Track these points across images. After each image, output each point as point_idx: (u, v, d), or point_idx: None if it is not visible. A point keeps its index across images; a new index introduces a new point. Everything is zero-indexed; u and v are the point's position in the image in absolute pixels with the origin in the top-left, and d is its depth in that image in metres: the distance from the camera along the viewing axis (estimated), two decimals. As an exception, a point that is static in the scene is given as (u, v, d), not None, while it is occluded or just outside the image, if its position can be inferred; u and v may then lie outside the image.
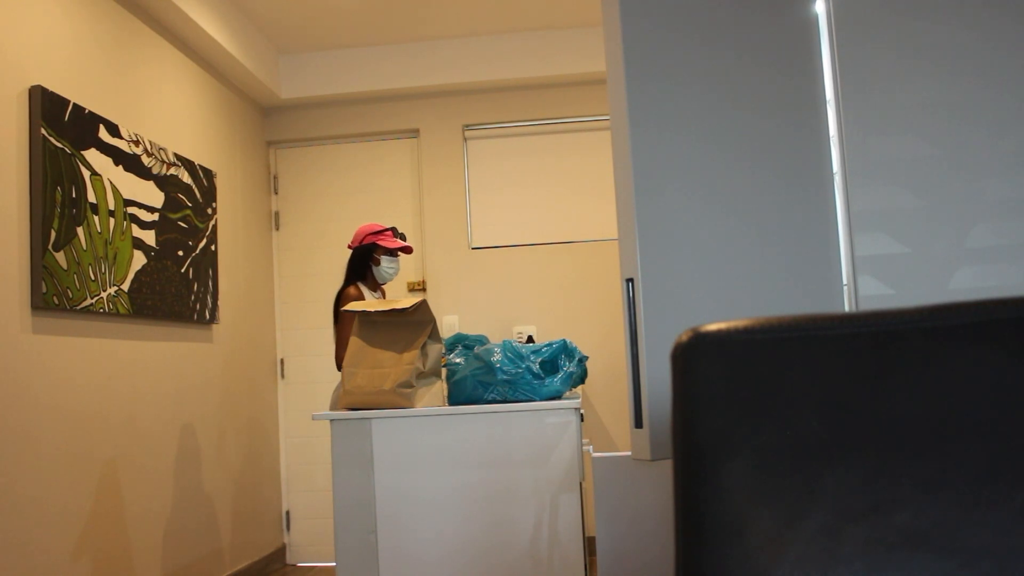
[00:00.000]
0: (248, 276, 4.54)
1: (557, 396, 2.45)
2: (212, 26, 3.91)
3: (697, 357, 0.62)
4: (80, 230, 2.97)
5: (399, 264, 3.63)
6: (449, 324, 4.70)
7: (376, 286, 3.64)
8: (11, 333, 2.66)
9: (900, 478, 0.60)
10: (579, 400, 2.48)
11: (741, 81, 1.62)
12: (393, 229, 3.61)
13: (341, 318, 3.46)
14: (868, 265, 1.58)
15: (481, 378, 2.43)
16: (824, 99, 1.64)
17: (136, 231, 3.34)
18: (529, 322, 4.72)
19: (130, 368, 3.32)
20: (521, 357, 2.45)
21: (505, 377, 2.41)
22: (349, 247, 3.61)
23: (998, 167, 1.58)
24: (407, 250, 3.61)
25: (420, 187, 4.87)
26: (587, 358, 2.63)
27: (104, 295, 3.09)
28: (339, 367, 3.46)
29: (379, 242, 3.56)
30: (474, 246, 4.82)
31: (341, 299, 3.51)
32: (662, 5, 1.60)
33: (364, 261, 3.58)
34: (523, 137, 4.87)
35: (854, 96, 1.60)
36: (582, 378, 2.93)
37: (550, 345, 2.54)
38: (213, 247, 4.02)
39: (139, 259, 3.35)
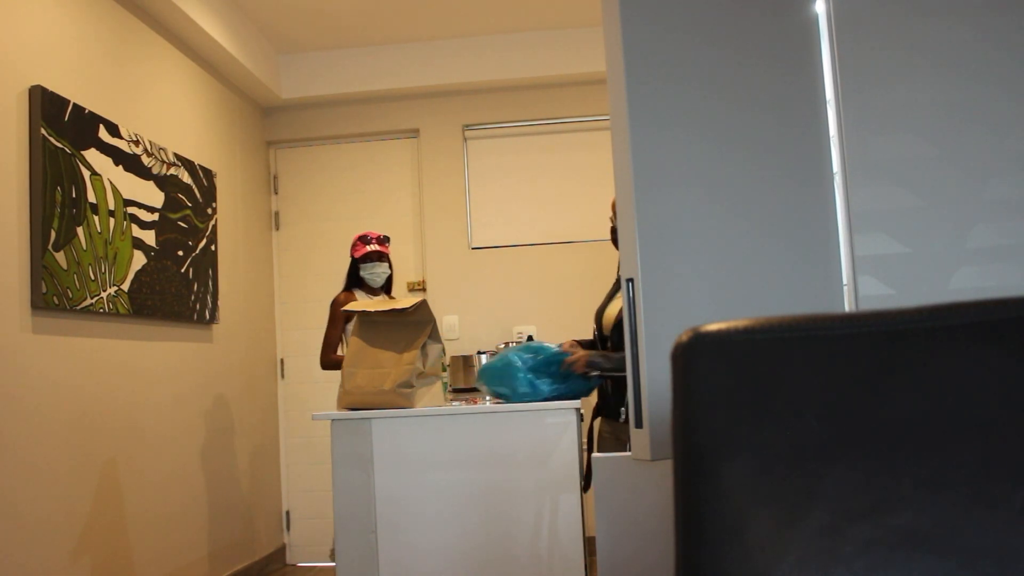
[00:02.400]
0: (248, 276, 4.54)
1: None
2: (212, 26, 3.91)
3: (697, 357, 0.62)
4: (80, 230, 2.97)
5: (385, 266, 3.78)
6: (449, 324, 4.70)
7: (372, 291, 3.80)
8: (11, 333, 2.66)
9: (900, 478, 0.60)
10: (579, 400, 2.48)
11: (741, 81, 1.62)
12: (363, 236, 3.78)
13: (329, 319, 3.71)
14: (868, 265, 1.58)
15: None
16: (824, 99, 1.64)
17: (136, 231, 3.34)
18: (529, 322, 4.72)
19: (130, 368, 3.32)
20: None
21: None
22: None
23: (998, 167, 1.58)
24: (378, 254, 3.76)
25: (420, 187, 4.87)
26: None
27: (104, 295, 3.09)
28: (322, 366, 3.73)
29: (353, 254, 3.78)
30: (474, 246, 4.82)
31: (332, 304, 3.74)
32: (662, 5, 1.60)
33: (353, 270, 3.80)
34: (523, 137, 4.87)
35: (854, 96, 1.60)
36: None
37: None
38: (213, 247, 4.02)
39: (139, 259, 3.35)
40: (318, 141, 4.97)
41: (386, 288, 3.89)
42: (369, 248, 3.74)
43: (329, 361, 3.72)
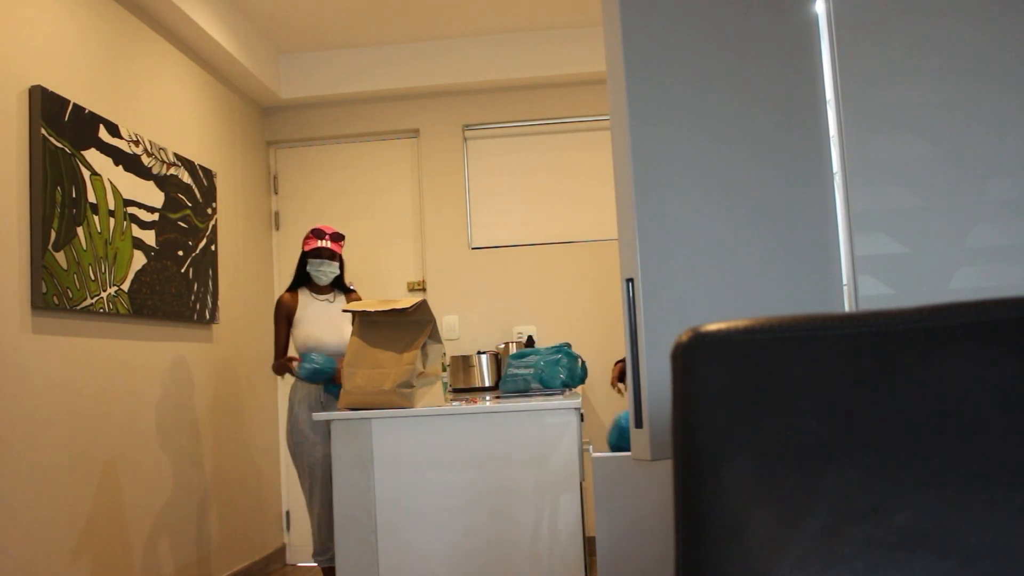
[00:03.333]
0: (248, 276, 4.54)
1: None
2: (212, 26, 3.91)
3: (697, 357, 0.62)
4: (80, 230, 2.97)
5: (336, 265, 3.58)
6: (449, 324, 4.70)
7: (320, 290, 3.62)
8: (11, 333, 2.66)
9: (900, 478, 0.60)
10: (579, 400, 2.48)
11: (741, 81, 1.62)
12: (317, 230, 3.57)
13: (274, 323, 3.58)
14: (868, 265, 1.58)
15: None
16: (824, 98, 1.64)
17: (136, 231, 3.34)
18: (529, 322, 4.72)
19: (130, 368, 3.32)
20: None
21: None
22: None
23: (999, 167, 1.58)
24: (329, 251, 3.55)
25: (420, 187, 4.87)
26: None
27: (104, 295, 3.09)
28: (275, 371, 3.61)
29: (304, 247, 3.58)
30: (474, 246, 4.82)
31: (275, 306, 3.61)
32: (662, 5, 1.60)
33: (301, 266, 3.60)
34: (523, 137, 4.87)
35: (854, 95, 1.60)
36: (582, 378, 2.93)
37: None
38: (213, 247, 4.02)
39: (139, 259, 3.35)
40: (318, 141, 4.97)
41: (342, 289, 3.68)
42: (320, 244, 3.52)
43: (280, 367, 3.58)
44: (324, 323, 3.51)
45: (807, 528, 0.59)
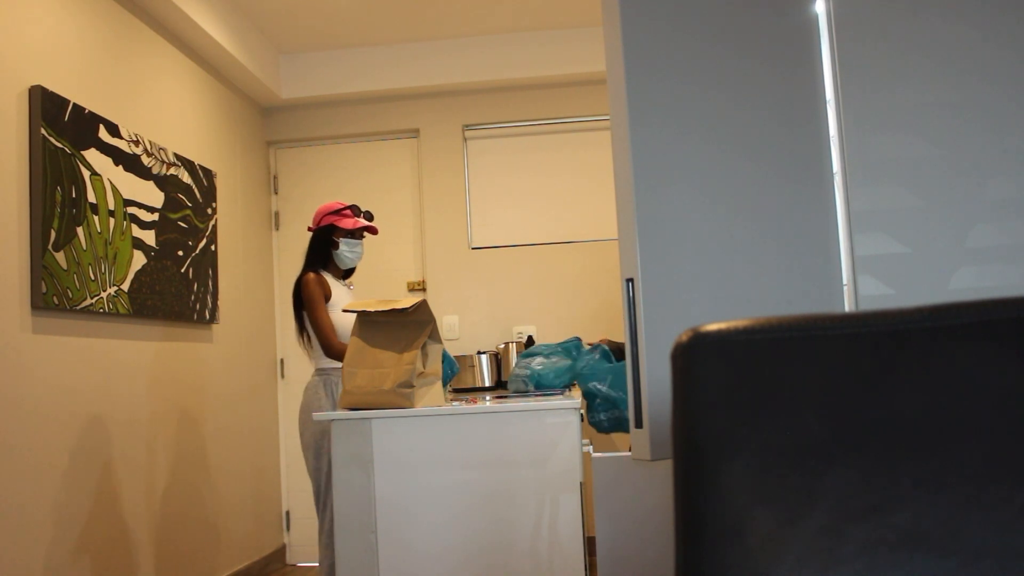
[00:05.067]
0: (248, 276, 4.54)
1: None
2: (212, 26, 3.91)
3: (697, 357, 0.62)
4: (80, 230, 2.96)
5: (363, 248, 3.23)
6: (449, 324, 4.70)
7: (340, 274, 3.26)
8: (11, 333, 2.66)
9: (900, 478, 0.60)
10: (579, 400, 2.48)
11: (741, 81, 1.62)
12: (354, 207, 3.20)
13: (311, 303, 3.06)
14: (868, 265, 1.58)
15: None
16: (824, 99, 1.64)
17: (136, 231, 3.34)
18: (529, 322, 4.72)
19: (130, 368, 3.32)
20: None
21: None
22: (309, 230, 3.25)
23: (999, 167, 1.58)
24: (371, 230, 3.22)
25: (420, 187, 4.87)
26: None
27: (104, 295, 3.09)
28: (332, 354, 3.04)
29: (336, 223, 3.15)
30: (474, 246, 4.82)
31: (302, 286, 3.11)
32: (662, 5, 1.60)
33: (324, 246, 3.18)
34: (523, 137, 4.87)
35: (854, 96, 1.60)
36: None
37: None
38: (213, 247, 4.02)
39: (139, 259, 3.34)
40: (318, 141, 4.97)
41: (348, 276, 3.33)
42: (366, 222, 3.19)
43: (337, 347, 3.02)
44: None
45: (807, 528, 0.59)
